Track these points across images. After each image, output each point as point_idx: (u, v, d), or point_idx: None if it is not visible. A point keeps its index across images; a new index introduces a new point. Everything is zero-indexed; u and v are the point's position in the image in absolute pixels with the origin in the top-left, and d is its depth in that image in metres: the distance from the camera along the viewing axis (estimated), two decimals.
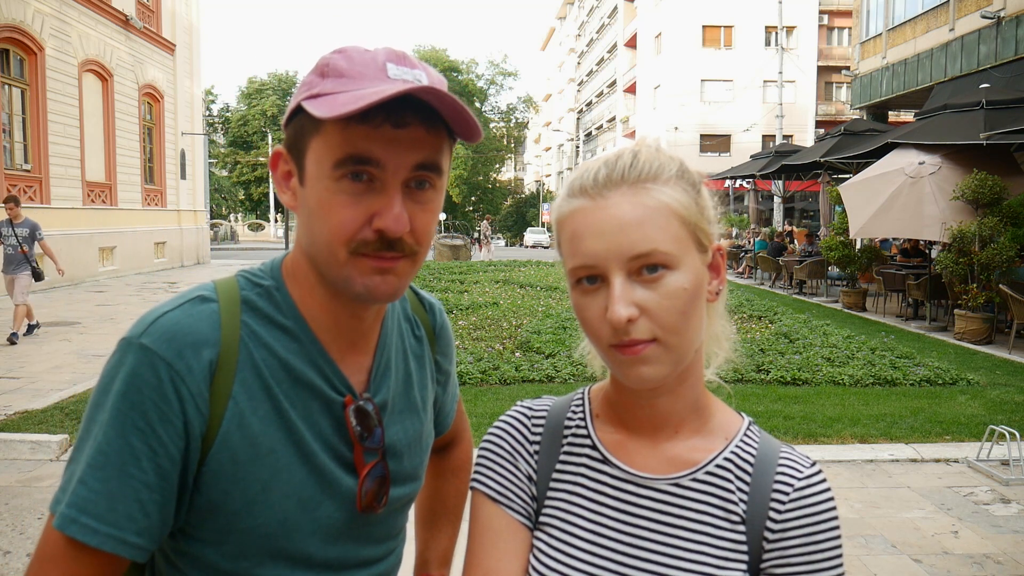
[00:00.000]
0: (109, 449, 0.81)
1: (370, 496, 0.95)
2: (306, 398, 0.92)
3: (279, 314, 0.92)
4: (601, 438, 0.93)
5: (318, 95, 0.84)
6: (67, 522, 0.80)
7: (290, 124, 0.89)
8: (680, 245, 0.81)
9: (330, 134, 0.84)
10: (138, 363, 0.83)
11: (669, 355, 0.81)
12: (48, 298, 13.53)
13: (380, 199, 0.85)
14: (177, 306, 0.88)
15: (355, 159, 0.83)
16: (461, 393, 1.30)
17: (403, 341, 1.07)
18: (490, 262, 23.01)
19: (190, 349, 0.85)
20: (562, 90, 78.08)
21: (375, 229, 0.85)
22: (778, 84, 31.53)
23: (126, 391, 0.82)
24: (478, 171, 57.33)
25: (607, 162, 0.85)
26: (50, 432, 5.45)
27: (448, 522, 1.31)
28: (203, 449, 0.86)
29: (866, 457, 5.34)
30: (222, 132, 55.99)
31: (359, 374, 0.97)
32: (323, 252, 0.88)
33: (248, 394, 0.88)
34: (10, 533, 3.99)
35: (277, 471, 0.89)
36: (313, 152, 0.86)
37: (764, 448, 0.90)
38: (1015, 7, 14.33)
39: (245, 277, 0.95)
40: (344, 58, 0.86)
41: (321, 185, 0.86)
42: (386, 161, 0.84)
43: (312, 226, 0.88)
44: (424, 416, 1.08)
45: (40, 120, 15.16)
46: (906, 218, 10.54)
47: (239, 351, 0.88)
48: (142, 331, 0.85)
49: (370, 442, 0.95)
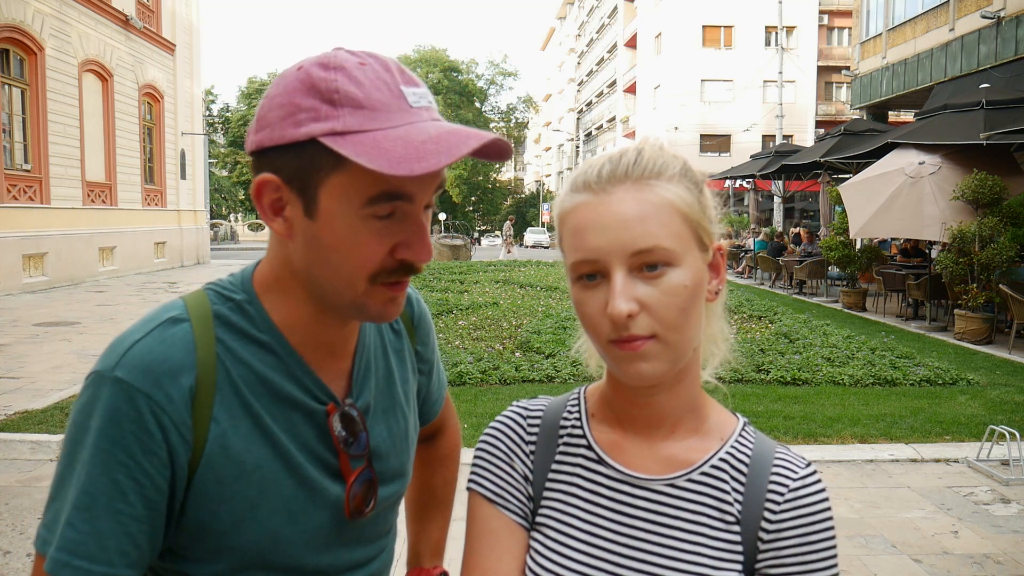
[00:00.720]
0: (94, 489, 0.79)
1: (358, 500, 0.95)
2: (288, 411, 0.90)
3: (253, 328, 0.90)
4: (597, 438, 0.93)
5: (343, 133, 0.78)
6: (59, 566, 0.79)
7: (291, 152, 0.81)
8: (682, 242, 0.81)
9: (357, 173, 0.79)
10: (115, 397, 0.80)
11: (668, 352, 0.81)
12: (48, 298, 13.53)
13: (405, 229, 0.84)
14: (147, 332, 0.85)
15: (388, 196, 0.81)
16: (461, 393, 1.29)
17: (382, 338, 1.05)
18: (490, 262, 23.00)
19: (167, 377, 0.82)
20: (562, 90, 78.07)
21: (399, 259, 0.84)
22: (778, 84, 31.54)
23: (105, 428, 0.80)
24: (478, 171, 57.33)
25: (611, 158, 0.85)
26: (50, 432, 5.44)
27: (438, 512, 1.30)
28: (188, 474, 0.84)
29: (866, 457, 5.33)
30: (222, 132, 56.03)
31: (339, 380, 0.96)
32: (338, 283, 0.85)
33: (229, 413, 0.86)
34: (10, 533, 3.99)
35: (264, 487, 0.88)
36: (334, 188, 0.81)
37: (759, 449, 0.90)
38: (1015, 7, 14.33)
39: (215, 291, 0.92)
40: (352, 82, 0.80)
41: (345, 222, 0.82)
42: (416, 194, 0.83)
43: (327, 259, 0.84)
44: (408, 412, 1.07)
45: (40, 120, 15.16)
46: (906, 218, 10.54)
47: (216, 371, 0.86)
48: (115, 363, 0.82)
49: (355, 448, 0.94)
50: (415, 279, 6.04)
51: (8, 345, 8.88)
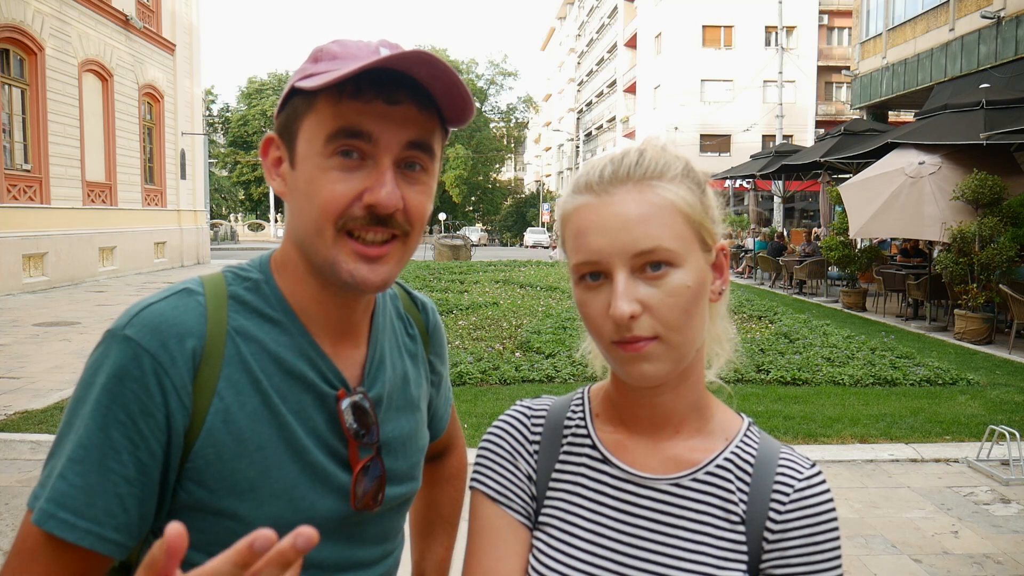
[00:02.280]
0: (90, 443, 0.80)
1: (368, 497, 0.94)
2: (299, 392, 0.90)
3: (267, 307, 0.91)
4: (601, 438, 0.93)
5: (311, 75, 0.85)
6: (45, 517, 0.78)
7: (283, 110, 0.89)
8: (684, 243, 0.82)
9: (322, 111, 0.84)
10: (121, 355, 0.82)
11: (671, 353, 0.81)
12: (48, 298, 13.53)
13: (371, 175, 0.85)
14: (163, 298, 0.87)
15: (346, 132, 0.83)
16: (461, 393, 1.29)
17: (397, 338, 1.05)
18: (490, 262, 23.00)
19: (174, 340, 0.83)
20: (562, 90, 78.07)
21: (365, 205, 0.84)
22: (778, 84, 31.52)
23: (108, 383, 0.81)
24: (478, 171, 57.36)
25: (613, 159, 0.85)
26: (50, 432, 5.44)
27: (444, 531, 1.28)
28: (186, 444, 0.84)
29: (866, 457, 5.33)
30: (222, 132, 56.07)
31: (352, 368, 0.96)
32: (311, 233, 0.86)
33: (235, 389, 0.86)
34: (10, 533, 3.99)
35: (266, 468, 0.87)
36: (305, 131, 0.86)
37: (764, 449, 0.90)
38: (1015, 7, 14.32)
39: (232, 272, 0.94)
40: (338, 44, 0.87)
41: (312, 163, 0.85)
42: (378, 136, 0.84)
43: (301, 206, 0.87)
44: (419, 415, 1.06)
45: (40, 120, 15.15)
46: (906, 218, 10.54)
47: (225, 346, 0.86)
48: (126, 322, 0.84)
49: (366, 438, 0.93)
50: (414, 278, 5.99)
51: (8, 345, 8.87)
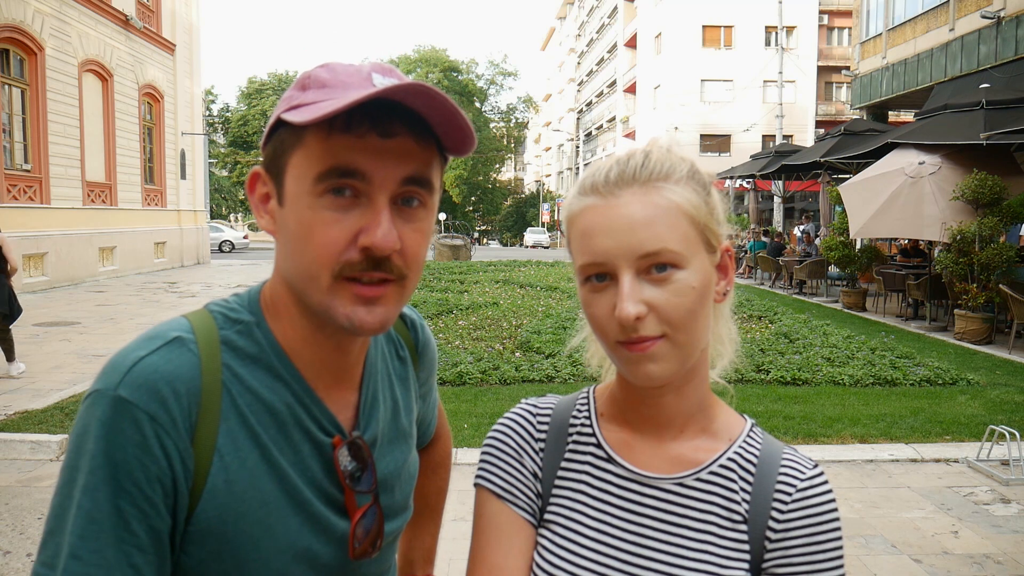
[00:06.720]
0: (98, 515, 0.74)
1: (366, 543, 0.91)
2: (296, 442, 0.86)
3: (261, 353, 0.85)
4: (606, 437, 0.93)
5: (298, 106, 0.78)
6: None
7: (269, 142, 0.83)
8: (689, 245, 0.82)
9: (311, 146, 0.78)
10: (118, 418, 0.75)
11: (676, 352, 0.82)
12: (48, 298, 13.53)
13: (366, 215, 0.78)
14: (153, 350, 0.79)
15: (338, 171, 0.77)
16: (461, 393, 1.29)
17: (388, 367, 1.02)
18: (490, 262, 23.00)
19: (172, 398, 0.77)
20: (562, 90, 78.06)
21: (361, 248, 0.78)
22: (778, 84, 31.51)
23: (108, 450, 0.75)
24: (478, 171, 57.44)
25: (619, 161, 0.85)
26: (50, 432, 5.45)
27: (430, 520, 1.28)
28: (189, 506, 0.79)
29: (866, 457, 5.34)
30: (222, 132, 56.10)
31: (346, 411, 0.92)
32: (304, 278, 0.81)
33: (234, 445, 0.81)
34: (10, 533, 3.99)
35: (269, 526, 0.83)
36: (293, 168, 0.79)
37: (767, 449, 0.91)
38: (1015, 7, 14.32)
39: (221, 313, 0.87)
40: (326, 70, 0.81)
41: (302, 203, 0.79)
42: (372, 173, 0.77)
43: (292, 249, 0.81)
44: (411, 440, 1.04)
45: (40, 120, 15.15)
46: (906, 218, 10.54)
47: (222, 399, 0.81)
48: (117, 381, 0.76)
49: (362, 484, 0.90)
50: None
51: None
